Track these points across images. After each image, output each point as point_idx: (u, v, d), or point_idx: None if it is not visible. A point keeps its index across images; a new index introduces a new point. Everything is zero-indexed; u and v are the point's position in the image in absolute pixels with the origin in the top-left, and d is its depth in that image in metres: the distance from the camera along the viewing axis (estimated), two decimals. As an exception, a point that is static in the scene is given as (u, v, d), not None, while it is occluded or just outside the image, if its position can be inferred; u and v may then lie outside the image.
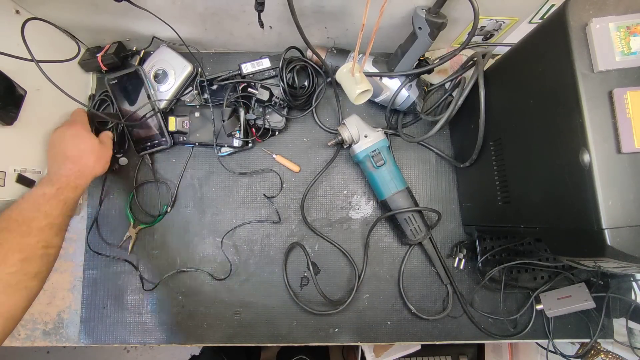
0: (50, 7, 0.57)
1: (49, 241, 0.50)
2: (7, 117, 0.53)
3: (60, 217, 0.52)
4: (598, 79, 0.38)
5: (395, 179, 0.65)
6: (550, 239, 0.47)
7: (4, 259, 0.45)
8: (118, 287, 0.68)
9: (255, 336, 0.68)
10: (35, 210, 0.50)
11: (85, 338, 0.68)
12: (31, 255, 0.48)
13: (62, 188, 0.53)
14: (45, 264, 0.50)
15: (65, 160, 0.56)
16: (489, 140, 0.57)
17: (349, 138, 0.64)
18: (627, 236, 0.37)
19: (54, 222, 0.51)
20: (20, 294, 0.46)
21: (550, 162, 0.45)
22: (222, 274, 0.69)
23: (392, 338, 0.68)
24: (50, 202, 0.51)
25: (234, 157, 0.71)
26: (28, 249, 0.48)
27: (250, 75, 0.66)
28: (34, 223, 0.49)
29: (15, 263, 0.46)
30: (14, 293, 0.45)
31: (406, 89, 0.64)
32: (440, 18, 0.52)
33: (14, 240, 0.47)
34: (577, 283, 0.65)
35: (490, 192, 0.59)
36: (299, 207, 0.69)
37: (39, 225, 0.49)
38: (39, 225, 0.49)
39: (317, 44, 0.68)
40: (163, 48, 0.68)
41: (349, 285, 0.69)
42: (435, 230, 0.70)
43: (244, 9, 0.57)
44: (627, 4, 0.38)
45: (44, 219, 0.50)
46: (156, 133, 0.68)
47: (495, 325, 0.69)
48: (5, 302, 0.45)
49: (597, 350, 0.70)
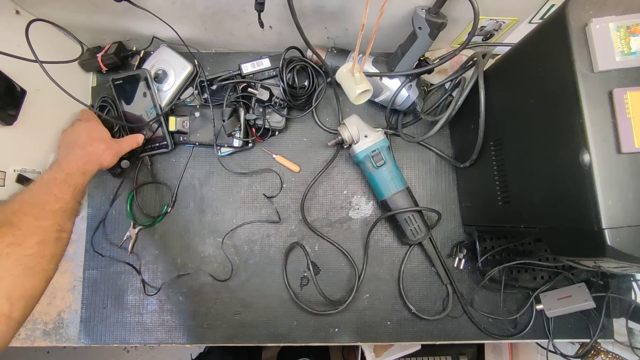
0: (50, 7, 0.57)
1: (62, 225, 0.50)
2: (7, 117, 0.53)
3: (72, 202, 0.52)
4: (598, 79, 0.38)
5: (395, 179, 0.65)
6: (550, 239, 0.47)
7: (22, 241, 0.45)
8: (118, 287, 0.68)
9: (256, 336, 0.68)
10: (47, 194, 0.50)
11: (85, 338, 0.68)
12: (47, 238, 0.48)
13: (72, 173, 0.53)
14: (59, 247, 0.50)
15: (74, 146, 0.57)
16: (489, 140, 0.57)
17: (349, 138, 0.64)
18: (627, 236, 0.37)
19: (66, 206, 0.51)
20: (39, 277, 0.46)
21: (550, 162, 0.45)
22: (223, 274, 0.69)
23: (392, 338, 0.68)
24: (60, 187, 0.52)
25: (234, 157, 0.71)
26: (43, 231, 0.48)
27: (250, 75, 0.66)
28: (47, 206, 0.49)
29: (33, 245, 0.46)
30: (33, 275, 0.45)
31: (406, 89, 0.64)
32: (440, 18, 0.52)
33: (30, 222, 0.47)
34: (577, 283, 0.65)
35: (490, 192, 0.59)
36: (299, 207, 0.69)
37: (52, 209, 0.50)
38: (52, 208, 0.50)
39: (317, 44, 0.68)
40: (163, 48, 0.68)
41: (349, 285, 0.69)
42: (435, 230, 0.70)
43: (244, 9, 0.57)
44: (627, 4, 0.38)
45: (55, 202, 0.50)
46: (157, 136, 0.68)
47: (495, 325, 0.69)
48: (26, 284, 0.45)
49: (597, 350, 0.70)
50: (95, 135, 0.59)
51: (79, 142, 0.58)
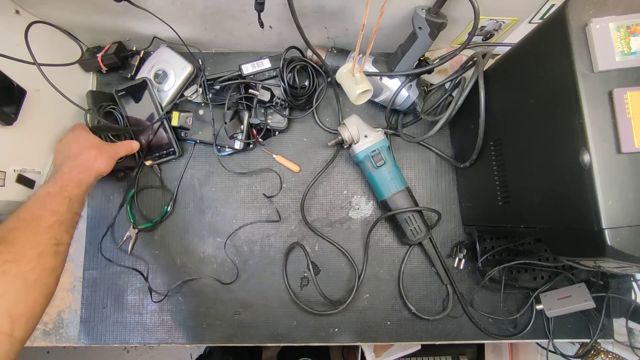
0: (50, 8, 0.57)
1: (59, 238, 0.50)
2: (7, 117, 0.53)
3: (68, 214, 0.52)
4: (598, 79, 0.38)
5: (395, 179, 0.65)
6: (550, 239, 0.47)
7: (19, 257, 0.45)
8: (118, 287, 0.68)
9: (255, 336, 0.68)
10: (42, 208, 0.50)
11: (85, 338, 0.68)
12: (44, 251, 0.48)
13: (65, 185, 0.53)
14: (59, 260, 0.50)
15: (66, 159, 0.57)
16: (489, 140, 0.57)
17: (349, 138, 0.64)
18: (627, 236, 0.37)
19: (62, 219, 0.51)
20: (40, 291, 0.46)
21: (550, 162, 0.45)
22: (223, 274, 0.69)
23: (392, 338, 0.68)
24: (55, 200, 0.51)
25: (234, 157, 0.71)
26: (40, 245, 0.48)
27: (250, 76, 0.66)
28: (42, 221, 0.49)
29: (31, 259, 0.46)
30: (34, 289, 0.45)
31: (406, 89, 0.64)
32: (440, 18, 0.52)
33: (26, 237, 0.47)
34: (577, 283, 0.65)
35: (490, 192, 0.59)
36: (299, 207, 0.69)
37: (48, 223, 0.49)
38: (48, 222, 0.49)
39: (317, 44, 0.68)
40: (163, 48, 0.68)
41: (349, 285, 0.69)
42: (435, 230, 0.70)
43: (244, 8, 0.57)
44: (627, 4, 0.38)
45: (51, 216, 0.50)
46: (164, 143, 0.68)
47: (495, 325, 0.69)
48: (27, 300, 0.44)
49: (597, 350, 0.70)
50: (84, 143, 0.59)
51: (70, 153, 0.57)
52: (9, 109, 0.53)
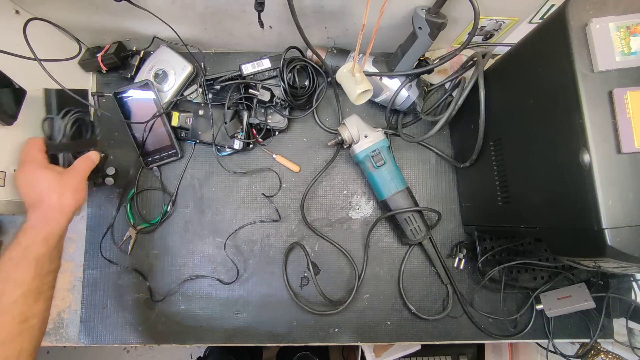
0: (50, 7, 0.57)
1: (26, 313, 0.43)
2: (7, 117, 0.53)
3: (36, 280, 0.45)
4: (598, 79, 0.38)
5: (395, 179, 0.65)
6: (550, 239, 0.47)
7: None
8: (118, 287, 0.68)
9: (255, 336, 0.68)
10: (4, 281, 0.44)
11: (85, 338, 0.67)
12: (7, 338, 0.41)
13: (29, 245, 0.46)
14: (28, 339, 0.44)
15: (29, 209, 0.49)
16: (489, 140, 0.57)
17: (349, 138, 0.64)
18: (627, 236, 0.37)
19: (29, 288, 0.44)
20: None
21: (550, 162, 0.45)
22: (223, 274, 0.69)
23: (392, 338, 0.68)
24: (19, 268, 0.45)
25: (234, 157, 0.71)
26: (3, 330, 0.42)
27: (250, 76, 0.66)
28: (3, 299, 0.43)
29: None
30: None
31: (406, 89, 0.64)
32: (440, 18, 0.52)
33: None
34: (577, 283, 0.65)
35: (490, 192, 0.59)
36: (299, 207, 0.69)
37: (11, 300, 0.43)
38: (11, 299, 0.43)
39: (317, 44, 0.68)
40: (163, 48, 0.68)
41: (349, 285, 0.69)
42: (435, 230, 0.70)
43: (244, 8, 0.57)
44: (627, 4, 0.38)
45: (15, 289, 0.43)
46: (166, 145, 0.68)
47: (495, 325, 0.69)
48: None
49: (597, 350, 0.70)
50: (40, 186, 0.49)
51: (29, 200, 0.49)
52: (9, 109, 0.53)
